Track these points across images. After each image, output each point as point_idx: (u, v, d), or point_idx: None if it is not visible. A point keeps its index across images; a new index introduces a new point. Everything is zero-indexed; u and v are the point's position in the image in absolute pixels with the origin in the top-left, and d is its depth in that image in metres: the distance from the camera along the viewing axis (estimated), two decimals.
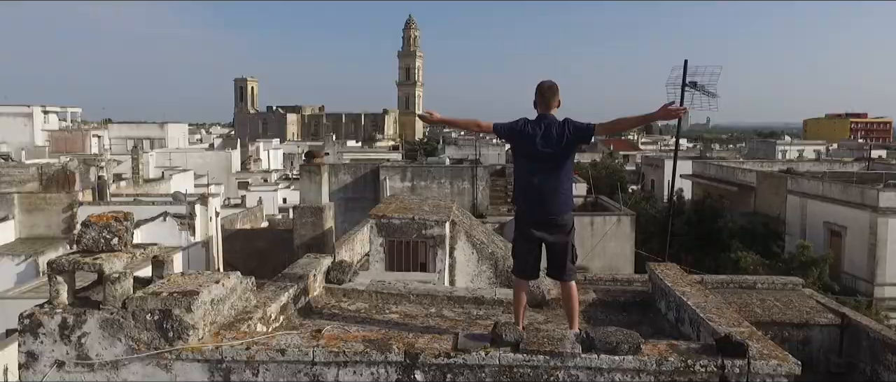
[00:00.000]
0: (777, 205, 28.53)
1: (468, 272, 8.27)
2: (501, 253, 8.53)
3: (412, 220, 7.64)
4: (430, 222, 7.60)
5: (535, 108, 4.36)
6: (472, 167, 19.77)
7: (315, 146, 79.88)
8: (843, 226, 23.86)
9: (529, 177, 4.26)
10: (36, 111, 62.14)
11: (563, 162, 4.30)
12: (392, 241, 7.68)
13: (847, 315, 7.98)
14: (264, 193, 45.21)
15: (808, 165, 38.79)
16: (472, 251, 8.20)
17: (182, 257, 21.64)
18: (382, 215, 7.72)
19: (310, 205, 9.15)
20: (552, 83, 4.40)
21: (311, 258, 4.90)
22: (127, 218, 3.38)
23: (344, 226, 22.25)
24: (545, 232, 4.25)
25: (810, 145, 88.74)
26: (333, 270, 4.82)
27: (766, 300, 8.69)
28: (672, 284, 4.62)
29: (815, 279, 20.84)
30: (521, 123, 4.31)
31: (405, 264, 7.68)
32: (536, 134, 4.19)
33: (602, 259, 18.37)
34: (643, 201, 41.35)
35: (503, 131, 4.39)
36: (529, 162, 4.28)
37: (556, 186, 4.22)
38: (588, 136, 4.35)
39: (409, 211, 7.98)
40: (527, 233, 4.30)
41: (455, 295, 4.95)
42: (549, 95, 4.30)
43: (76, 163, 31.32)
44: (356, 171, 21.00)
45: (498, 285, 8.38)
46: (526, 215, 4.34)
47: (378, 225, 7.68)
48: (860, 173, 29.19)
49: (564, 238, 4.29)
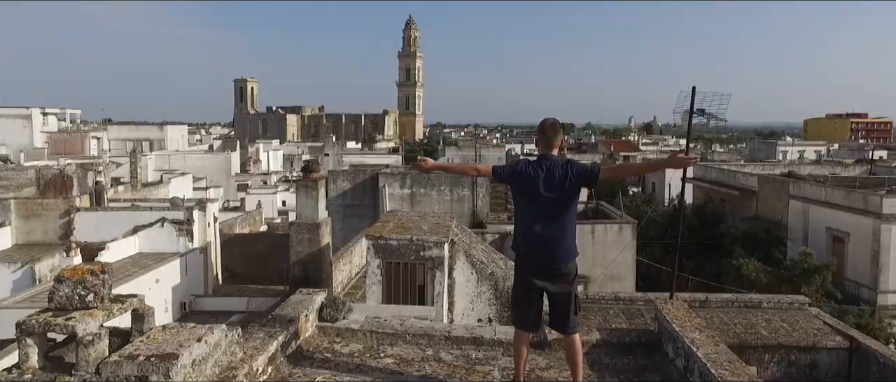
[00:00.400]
0: (779, 210, 28.34)
1: (467, 293, 8.08)
2: (501, 273, 8.34)
3: (410, 241, 7.44)
4: (429, 243, 7.41)
5: (537, 147, 4.16)
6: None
7: (313, 158, 79.63)
8: (846, 232, 23.67)
9: (531, 222, 4.03)
10: (35, 113, 62.02)
11: (566, 206, 4.07)
12: (389, 263, 7.49)
13: (856, 338, 7.79)
14: (263, 196, 45.03)
15: (810, 168, 38.58)
16: (471, 271, 8.01)
17: (180, 264, 21.45)
18: (379, 235, 7.52)
19: (306, 221, 8.94)
20: (555, 122, 4.17)
21: (304, 295, 4.71)
22: (104, 270, 3.18)
23: (343, 233, 22.07)
24: (547, 281, 4.03)
25: (811, 146, 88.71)
26: (327, 307, 4.64)
27: (773, 320, 8.50)
28: (680, 329, 4.41)
29: (818, 286, 20.66)
30: (521, 165, 4.10)
31: (403, 286, 7.49)
32: (538, 176, 3.97)
33: (602, 267, 18.18)
34: (644, 204, 41.19)
35: (503, 174, 4.17)
36: (531, 206, 4.05)
37: (559, 233, 4.00)
38: (592, 180, 4.13)
39: (407, 231, 7.78)
40: (528, 282, 4.08)
41: (453, 335, 4.75)
42: (551, 134, 4.08)
43: (74, 168, 31.19)
44: (355, 178, 20.80)
45: (497, 306, 8.19)
46: (527, 262, 4.11)
47: (375, 246, 7.49)
48: (862, 178, 28.97)
49: (568, 287, 4.08)
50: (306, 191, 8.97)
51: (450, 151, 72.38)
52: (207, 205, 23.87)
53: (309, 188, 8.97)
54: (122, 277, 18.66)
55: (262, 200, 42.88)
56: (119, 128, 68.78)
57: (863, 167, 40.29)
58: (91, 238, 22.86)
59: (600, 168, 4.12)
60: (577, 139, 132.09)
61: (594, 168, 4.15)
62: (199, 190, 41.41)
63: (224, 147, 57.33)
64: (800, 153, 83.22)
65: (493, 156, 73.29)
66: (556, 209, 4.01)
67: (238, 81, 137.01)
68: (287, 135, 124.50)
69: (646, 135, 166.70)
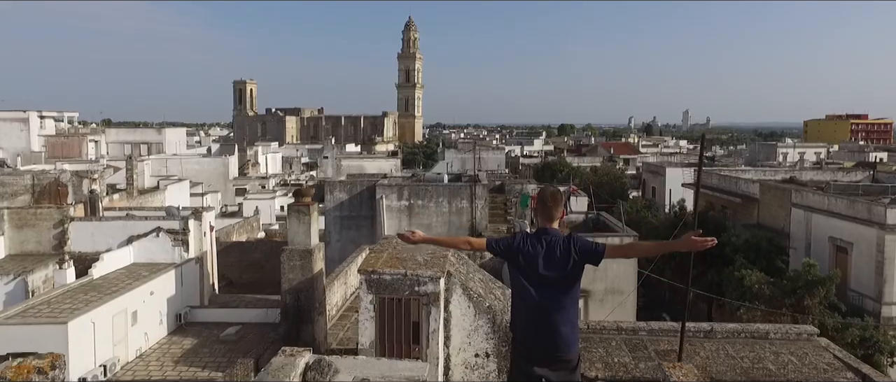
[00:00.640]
0: (781, 218, 28.08)
1: (464, 327, 7.80)
2: (499, 306, 8.06)
3: (404, 276, 7.16)
4: (424, 278, 7.12)
5: (535, 218, 3.83)
6: (470, 185, 19.27)
7: (311, 161, 79.29)
8: (850, 242, 23.40)
9: (530, 303, 3.68)
10: (32, 116, 61.73)
11: (569, 287, 3.72)
12: (383, 298, 7.20)
13: (868, 376, 7.51)
14: (261, 202, 44.75)
15: (811, 174, 38.31)
16: (468, 304, 7.72)
17: (175, 274, 21.18)
18: (372, 270, 7.24)
19: (298, 248, 8.63)
20: (556, 191, 3.83)
21: (286, 357, 4.42)
22: (55, 365, 2.89)
23: (340, 244, 21.81)
24: (548, 368, 3.68)
25: (811, 147, 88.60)
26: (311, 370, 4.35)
27: (781, 353, 8.22)
28: None
29: (822, 299, 20.39)
30: (519, 239, 3.76)
31: (397, 323, 7.20)
32: (538, 253, 3.63)
33: (604, 281, 17.90)
34: (644, 209, 40.92)
35: (499, 249, 3.83)
36: (530, 285, 3.70)
37: (561, 316, 3.65)
38: (597, 259, 3.78)
39: (402, 264, 7.49)
40: (526, 370, 3.72)
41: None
42: (552, 205, 3.74)
43: (69, 176, 30.89)
44: (352, 188, 20.52)
45: (495, 340, 7.92)
46: (525, 348, 3.76)
47: (368, 280, 7.20)
48: (865, 185, 28.69)
49: (570, 376, 3.74)
50: (298, 216, 8.67)
51: (449, 154, 72.09)
52: (203, 214, 23.59)
53: (301, 213, 8.67)
54: (115, 290, 18.41)
55: (259, 206, 42.65)
56: (117, 131, 68.53)
57: (864, 172, 40.04)
58: (85, 248, 22.59)
59: (605, 247, 3.76)
60: (577, 140, 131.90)
61: (599, 247, 3.79)
62: (196, 195, 41.16)
63: (222, 151, 57.09)
64: (800, 155, 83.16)
65: (492, 158, 73.04)
66: (557, 289, 3.66)
67: (237, 83, 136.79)
68: (286, 137, 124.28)
69: (646, 136, 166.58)
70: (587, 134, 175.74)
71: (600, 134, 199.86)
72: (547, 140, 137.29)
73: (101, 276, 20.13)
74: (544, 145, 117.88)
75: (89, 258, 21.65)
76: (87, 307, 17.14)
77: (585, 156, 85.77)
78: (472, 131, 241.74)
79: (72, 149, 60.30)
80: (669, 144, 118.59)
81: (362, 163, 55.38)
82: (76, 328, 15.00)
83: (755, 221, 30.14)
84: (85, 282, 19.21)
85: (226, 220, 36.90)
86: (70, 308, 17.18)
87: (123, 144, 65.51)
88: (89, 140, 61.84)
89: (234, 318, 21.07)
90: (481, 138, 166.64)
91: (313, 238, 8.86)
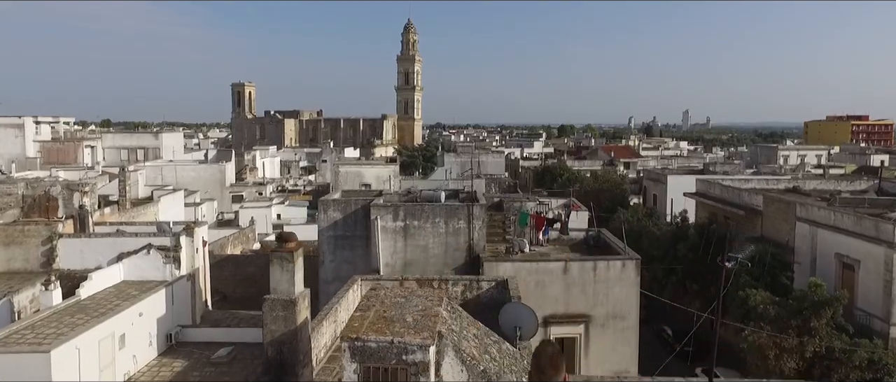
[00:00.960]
0: (786, 232, 27.53)
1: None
2: (495, 368, 7.48)
3: (391, 344, 6.60)
4: (412, 346, 6.57)
5: None
6: (468, 206, 18.71)
7: (305, 183, 78.67)
8: (857, 260, 22.85)
9: None
10: (27, 122, 61.25)
11: None
12: (368, 367, 6.64)
13: None
14: (258, 210, 44.21)
15: (814, 182, 37.74)
16: (461, 368, 7.16)
17: (166, 293, 20.66)
18: (356, 337, 6.67)
19: (281, 297, 8.10)
20: (554, 354, 3.19)
21: None
22: None
23: (333, 264, 21.26)
24: None
25: (812, 150, 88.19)
26: None
27: None
28: None
29: (828, 320, 19.85)
30: None
31: None
32: None
33: (604, 306, 17.32)
34: (645, 218, 40.38)
35: None
36: None
37: None
38: None
39: (389, 326, 6.93)
40: None
41: None
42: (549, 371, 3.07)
43: (59, 189, 30.32)
44: (346, 208, 19.97)
45: None
46: None
47: (351, 348, 6.64)
48: (871, 198, 28.11)
49: None
50: (281, 263, 8.13)
51: (448, 158, 71.50)
52: (195, 230, 23.07)
53: (284, 260, 8.13)
54: (102, 312, 17.86)
55: (256, 215, 42.07)
56: (113, 136, 68.02)
57: (868, 180, 39.51)
58: (75, 265, 22.08)
59: None
60: (577, 142, 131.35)
61: None
62: (190, 205, 40.62)
63: (219, 157, 56.53)
64: (801, 157, 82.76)
65: (492, 162, 72.50)
66: None
67: (235, 86, 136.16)
68: (285, 140, 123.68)
69: (646, 137, 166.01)
70: (587, 135, 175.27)
71: (600, 135, 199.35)
72: (547, 142, 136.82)
73: (88, 297, 19.59)
74: (544, 147, 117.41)
75: (78, 276, 21.13)
76: (72, 331, 16.58)
77: (585, 159, 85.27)
78: (473, 131, 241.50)
79: (67, 155, 59.83)
80: (670, 146, 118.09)
81: (361, 170, 54.83)
82: (59, 356, 14.50)
83: (759, 234, 29.60)
84: (71, 304, 18.66)
85: (221, 231, 36.36)
86: (55, 332, 16.62)
87: (120, 150, 65.01)
88: (85, 146, 61.35)
89: (227, 338, 20.53)
90: (481, 140, 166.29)
91: (297, 285, 8.32)
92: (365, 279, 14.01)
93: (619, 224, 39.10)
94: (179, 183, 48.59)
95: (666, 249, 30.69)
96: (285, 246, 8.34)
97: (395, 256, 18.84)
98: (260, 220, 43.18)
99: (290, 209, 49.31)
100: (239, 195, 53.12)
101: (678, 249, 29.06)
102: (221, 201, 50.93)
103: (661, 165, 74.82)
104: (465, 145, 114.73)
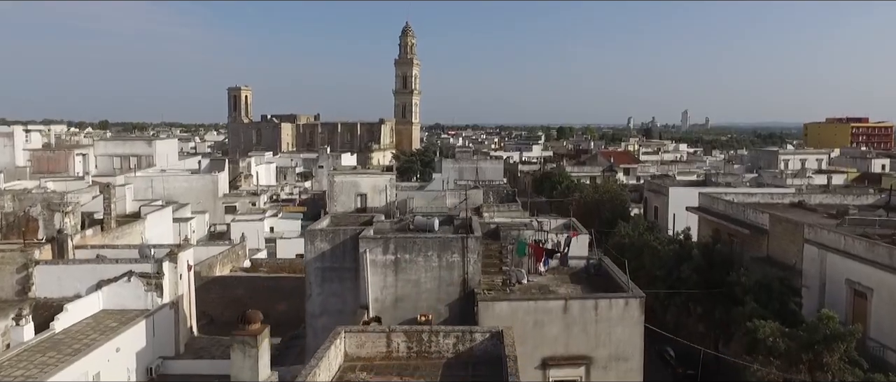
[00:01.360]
0: (793, 254, 26.52)
1: None
2: None
3: None
4: None
5: None
6: (462, 239, 17.69)
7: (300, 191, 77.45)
8: (869, 287, 21.88)
9: None
10: (17, 130, 60.20)
11: None
12: None
13: None
14: (249, 224, 43.14)
15: (820, 197, 36.72)
16: None
17: (146, 325, 19.64)
18: None
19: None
20: None
21: None
22: None
23: (321, 298, 20.21)
24: None
25: (813, 154, 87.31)
26: None
27: None
28: None
29: (842, 354, 18.88)
30: None
31: None
32: None
33: (607, 347, 16.30)
34: (646, 232, 39.27)
35: None
36: None
37: None
38: None
39: None
40: None
41: None
42: None
43: (39, 209, 29.26)
44: (335, 238, 18.94)
45: None
46: None
47: None
48: (882, 220, 27.06)
49: None
50: (243, 348, 7.14)
51: (446, 164, 70.35)
52: (180, 255, 22.03)
53: (246, 345, 7.15)
54: (77, 349, 16.85)
55: (246, 231, 40.97)
56: (106, 143, 66.68)
57: (874, 193, 38.51)
58: (52, 293, 21.07)
59: None
60: (576, 145, 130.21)
61: None
62: (179, 220, 39.55)
63: (212, 167, 55.39)
64: (802, 162, 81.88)
65: (491, 168, 71.45)
66: None
67: (232, 90, 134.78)
68: (281, 145, 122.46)
69: (645, 140, 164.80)
70: (586, 137, 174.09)
71: (600, 136, 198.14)
72: (546, 145, 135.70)
73: (63, 330, 18.61)
74: (543, 150, 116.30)
75: (54, 305, 20.11)
76: (42, 373, 15.60)
77: (585, 164, 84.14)
78: (471, 133, 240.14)
79: (58, 164, 58.67)
80: (669, 149, 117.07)
81: (356, 180, 53.63)
82: None
83: (765, 254, 28.59)
84: (44, 339, 17.67)
85: (211, 248, 35.26)
86: (23, 375, 15.65)
87: (112, 157, 63.74)
88: (76, 154, 60.17)
89: (211, 370, 19.49)
90: (480, 141, 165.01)
91: (262, 372, 7.32)
92: (349, 331, 12.98)
93: (620, 240, 38.04)
94: (171, 194, 47.47)
95: (669, 269, 29.64)
96: (248, 328, 7.33)
97: (385, 291, 17.82)
98: (252, 235, 42.13)
99: (283, 222, 48.22)
100: (232, 206, 51.99)
101: (682, 270, 28.01)
102: (214, 212, 49.83)
103: (661, 171, 73.82)
104: (463, 149, 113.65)
